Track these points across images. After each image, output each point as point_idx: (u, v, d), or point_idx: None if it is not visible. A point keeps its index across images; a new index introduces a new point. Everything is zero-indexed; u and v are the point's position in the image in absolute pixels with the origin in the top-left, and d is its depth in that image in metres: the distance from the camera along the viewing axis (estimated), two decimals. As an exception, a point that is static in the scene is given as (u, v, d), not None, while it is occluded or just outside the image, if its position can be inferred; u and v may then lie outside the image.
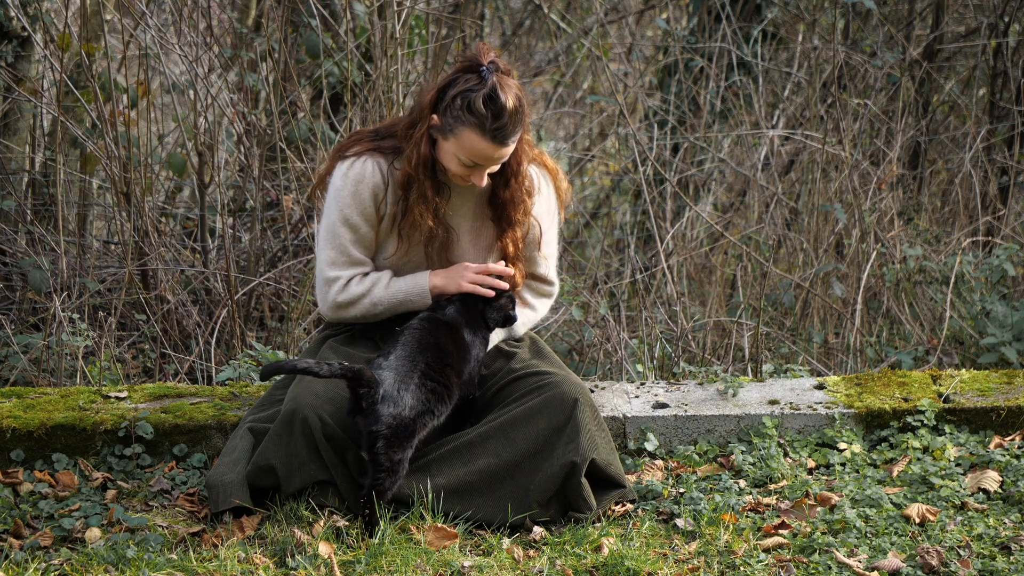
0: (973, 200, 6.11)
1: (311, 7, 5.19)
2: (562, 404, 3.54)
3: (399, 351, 3.49)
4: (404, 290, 3.66)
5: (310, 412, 3.48)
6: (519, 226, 3.70)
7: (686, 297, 5.64)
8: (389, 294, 3.66)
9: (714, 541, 3.38)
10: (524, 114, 3.54)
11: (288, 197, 5.23)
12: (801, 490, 3.65)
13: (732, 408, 4.02)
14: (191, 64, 5.02)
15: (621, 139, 6.96)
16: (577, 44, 8.10)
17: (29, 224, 5.14)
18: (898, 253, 5.52)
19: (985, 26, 6.73)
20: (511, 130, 3.51)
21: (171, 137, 6.08)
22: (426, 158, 3.58)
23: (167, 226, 5.52)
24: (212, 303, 5.13)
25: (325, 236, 3.67)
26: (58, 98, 4.90)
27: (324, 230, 3.68)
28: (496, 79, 3.51)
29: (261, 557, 3.26)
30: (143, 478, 3.79)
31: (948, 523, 3.46)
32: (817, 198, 5.77)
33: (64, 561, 3.26)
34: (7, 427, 3.83)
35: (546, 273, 3.83)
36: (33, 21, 5.18)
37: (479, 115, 3.48)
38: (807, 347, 5.31)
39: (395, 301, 3.66)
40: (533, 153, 3.74)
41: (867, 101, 6.13)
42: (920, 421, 3.98)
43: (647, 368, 4.92)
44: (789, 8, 7.00)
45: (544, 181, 3.77)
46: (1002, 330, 4.90)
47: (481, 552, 3.37)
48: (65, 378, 4.55)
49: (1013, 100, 6.48)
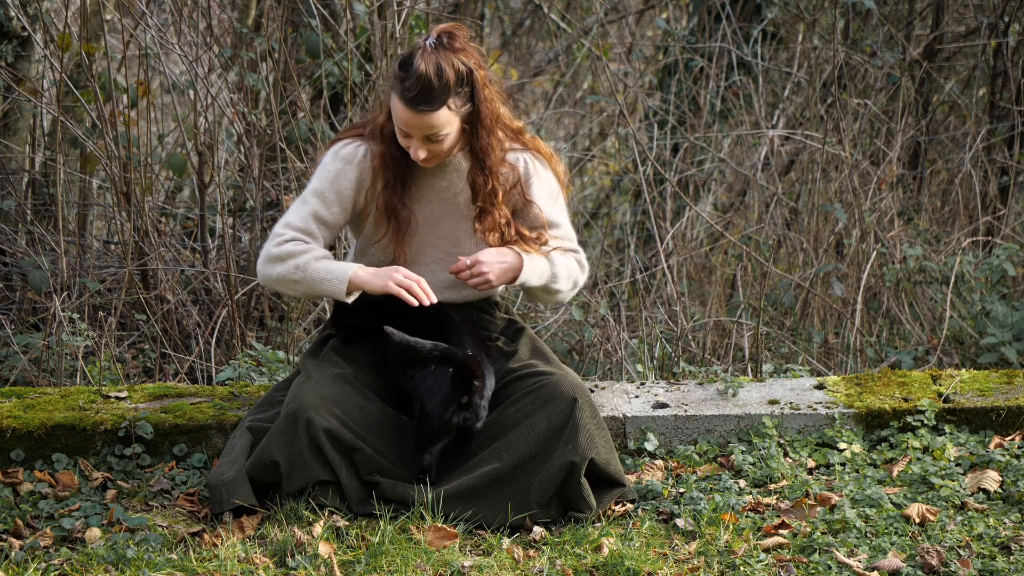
0: (973, 200, 6.11)
1: (311, 7, 5.19)
2: (561, 404, 3.54)
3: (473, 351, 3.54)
4: (328, 270, 3.59)
5: (314, 413, 3.48)
6: (495, 212, 3.68)
7: (686, 297, 5.64)
8: (314, 268, 3.60)
9: (714, 541, 3.38)
10: (444, 86, 3.50)
11: (288, 197, 5.23)
12: (801, 490, 3.65)
13: (732, 408, 4.02)
14: (191, 64, 5.02)
15: (621, 139, 6.96)
16: (577, 44, 8.10)
17: (29, 224, 5.14)
18: (898, 253, 5.52)
19: (985, 26, 6.72)
20: (422, 97, 3.50)
21: (171, 137, 6.08)
22: (381, 126, 3.64)
23: (167, 226, 5.51)
24: (212, 303, 5.13)
25: (295, 201, 3.70)
26: (58, 98, 4.90)
27: (298, 198, 3.71)
28: (425, 47, 3.52)
29: (261, 557, 3.26)
30: (143, 478, 3.79)
31: (948, 523, 3.46)
32: (817, 198, 5.77)
33: (64, 561, 3.26)
34: (7, 427, 3.83)
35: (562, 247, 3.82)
36: (33, 21, 5.18)
37: (396, 78, 3.54)
38: (807, 347, 5.31)
39: (317, 278, 3.60)
40: (524, 139, 3.74)
41: (867, 101, 6.13)
42: (920, 421, 3.98)
43: (647, 368, 4.92)
44: (789, 8, 7.00)
45: (540, 165, 3.76)
46: (1002, 330, 4.91)
47: (481, 552, 3.37)
48: (65, 378, 4.55)
49: (1013, 100, 6.48)
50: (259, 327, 5.24)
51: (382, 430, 3.58)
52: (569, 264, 3.76)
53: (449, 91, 3.52)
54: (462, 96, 3.56)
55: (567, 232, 3.80)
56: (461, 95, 3.55)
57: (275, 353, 4.48)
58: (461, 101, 3.56)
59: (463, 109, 3.57)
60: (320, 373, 3.62)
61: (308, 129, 5.31)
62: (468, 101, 3.57)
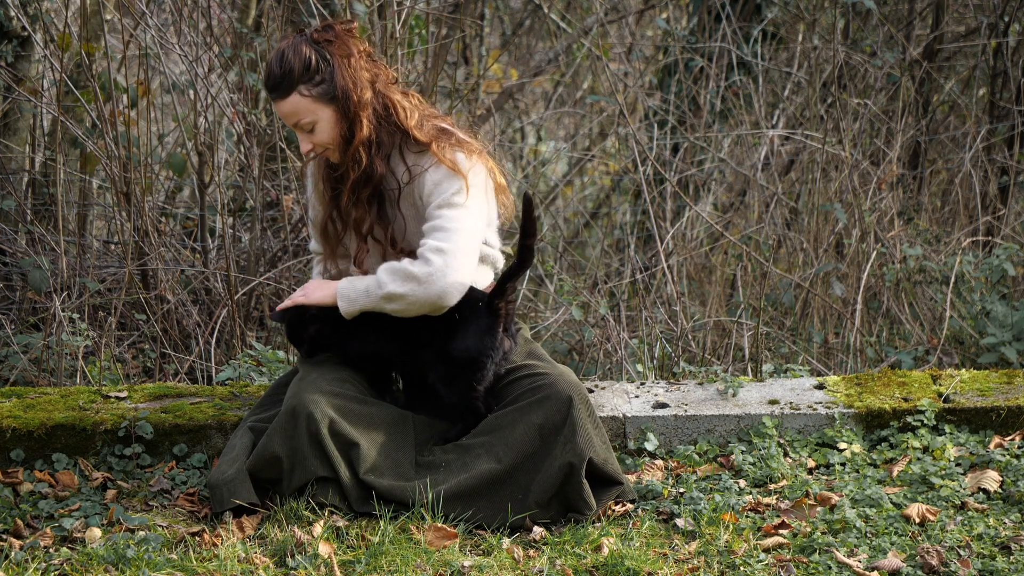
0: (973, 200, 6.11)
1: (311, 7, 5.19)
2: (557, 403, 3.54)
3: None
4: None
5: (315, 408, 3.49)
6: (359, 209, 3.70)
7: (686, 297, 5.64)
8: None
9: (714, 541, 3.38)
10: (287, 73, 3.54)
11: (288, 197, 5.23)
12: (801, 490, 3.65)
13: (732, 408, 4.02)
14: (191, 64, 5.02)
15: (621, 139, 6.97)
16: (577, 44, 8.10)
17: (29, 224, 5.14)
18: (898, 253, 5.52)
19: (985, 26, 6.72)
20: (269, 85, 3.57)
21: (171, 137, 6.08)
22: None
23: (167, 226, 5.51)
24: (212, 303, 5.13)
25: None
26: (58, 98, 4.90)
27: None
28: (294, 37, 3.59)
29: (261, 557, 3.26)
30: (143, 478, 3.79)
31: (948, 523, 3.46)
32: (817, 198, 5.77)
33: (64, 561, 3.26)
34: (7, 427, 3.83)
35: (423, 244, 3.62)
36: (33, 21, 5.18)
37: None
38: (807, 347, 5.31)
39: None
40: (435, 146, 3.62)
41: (867, 101, 6.13)
42: (920, 421, 3.98)
43: (647, 368, 4.92)
44: (789, 8, 7.00)
45: (446, 176, 3.62)
46: (1002, 330, 4.91)
47: (481, 552, 3.37)
48: (65, 378, 4.55)
49: (1013, 100, 6.48)
50: (259, 327, 5.24)
51: (381, 430, 3.59)
52: (395, 267, 3.59)
53: (294, 79, 3.54)
54: (316, 84, 3.56)
55: (438, 237, 3.59)
56: (315, 83, 3.56)
57: (275, 353, 4.48)
58: (316, 89, 3.56)
59: (323, 98, 3.57)
60: (319, 372, 3.64)
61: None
62: (330, 86, 3.57)
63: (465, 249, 3.56)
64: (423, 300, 3.53)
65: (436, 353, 3.61)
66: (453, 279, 3.52)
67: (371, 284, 3.58)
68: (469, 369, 3.58)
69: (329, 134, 3.61)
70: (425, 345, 3.62)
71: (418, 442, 3.64)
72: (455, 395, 3.61)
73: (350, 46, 3.60)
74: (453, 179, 3.59)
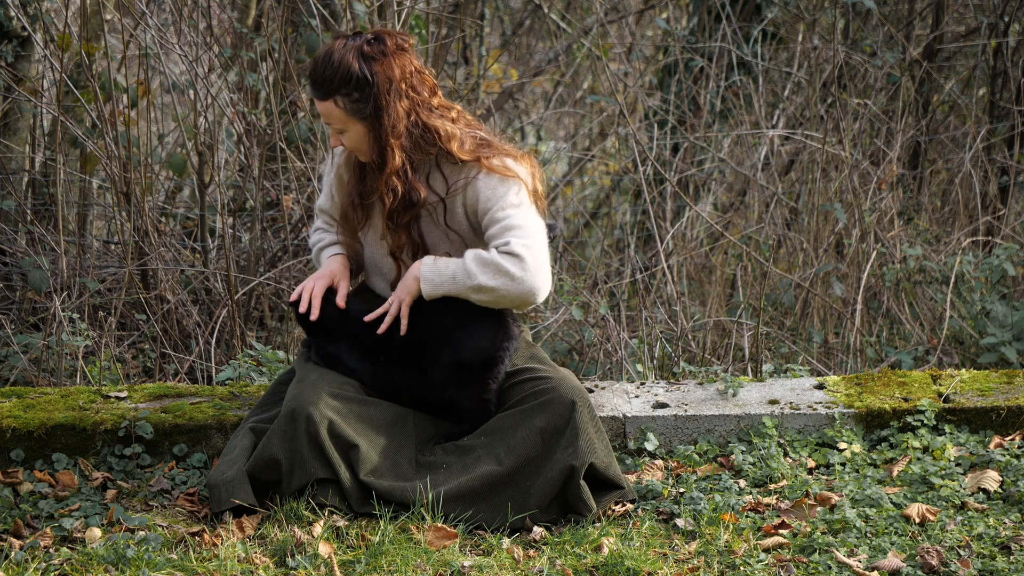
0: (973, 200, 6.11)
1: (311, 7, 5.19)
2: (560, 407, 3.54)
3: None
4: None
5: (314, 410, 3.49)
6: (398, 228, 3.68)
7: (686, 297, 5.64)
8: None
9: (714, 541, 3.38)
10: (329, 79, 3.52)
11: (288, 197, 5.23)
12: (801, 490, 3.65)
13: (732, 408, 4.02)
14: (191, 64, 5.02)
15: (621, 139, 6.97)
16: (577, 44, 8.10)
17: (29, 224, 5.14)
18: (898, 253, 5.52)
19: (985, 26, 6.73)
20: (314, 80, 3.55)
21: (171, 137, 6.08)
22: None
23: (167, 226, 5.52)
24: (212, 303, 5.13)
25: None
26: (58, 98, 4.90)
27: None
28: (345, 39, 3.57)
29: (261, 557, 3.26)
30: (143, 478, 3.79)
31: (948, 523, 3.46)
32: (817, 198, 5.77)
33: (64, 561, 3.26)
34: (7, 427, 3.83)
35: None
36: (33, 21, 5.18)
37: None
38: (807, 347, 5.31)
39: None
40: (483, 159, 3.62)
41: (867, 101, 6.13)
42: (920, 421, 3.98)
43: (647, 368, 4.92)
44: (789, 8, 7.00)
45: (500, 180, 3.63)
46: (1002, 330, 4.91)
47: (481, 552, 3.37)
48: (65, 378, 4.55)
49: (1013, 100, 6.48)
50: (259, 327, 5.24)
51: (381, 430, 3.59)
52: (485, 258, 3.57)
53: (334, 86, 3.53)
54: (353, 100, 3.54)
55: (503, 225, 3.61)
56: (352, 98, 3.54)
57: (275, 353, 4.48)
58: (353, 105, 3.54)
59: (357, 115, 3.55)
60: (319, 373, 3.64)
61: (308, 129, 5.31)
62: (365, 107, 3.54)
63: (544, 246, 3.60)
64: (514, 296, 3.54)
65: (446, 367, 3.61)
66: (545, 276, 3.56)
67: (458, 272, 3.56)
68: (485, 368, 3.59)
69: (357, 144, 3.61)
70: (434, 367, 3.63)
71: (420, 440, 3.64)
72: (471, 398, 3.61)
73: (395, 68, 3.54)
74: (509, 181, 3.60)
